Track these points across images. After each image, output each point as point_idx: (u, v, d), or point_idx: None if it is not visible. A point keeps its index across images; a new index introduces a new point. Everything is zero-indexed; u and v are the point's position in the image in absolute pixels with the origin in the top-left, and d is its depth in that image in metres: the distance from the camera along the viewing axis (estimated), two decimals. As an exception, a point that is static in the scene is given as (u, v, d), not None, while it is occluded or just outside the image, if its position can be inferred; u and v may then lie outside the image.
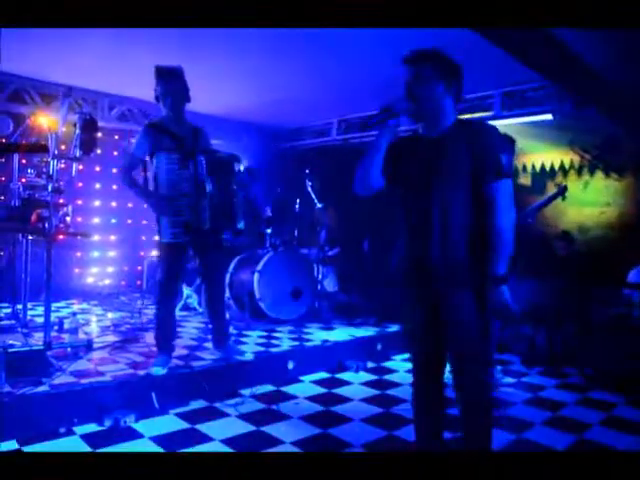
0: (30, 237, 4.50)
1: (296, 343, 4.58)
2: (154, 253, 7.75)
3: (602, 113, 5.17)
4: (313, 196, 6.19)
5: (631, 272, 5.12)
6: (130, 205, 7.52)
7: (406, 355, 5.10)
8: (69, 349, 3.85)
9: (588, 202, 6.83)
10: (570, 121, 5.48)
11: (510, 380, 4.32)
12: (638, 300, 4.84)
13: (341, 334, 5.07)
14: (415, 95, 2.19)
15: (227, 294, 5.13)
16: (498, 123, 5.72)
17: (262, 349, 4.32)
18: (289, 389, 3.90)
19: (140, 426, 3.05)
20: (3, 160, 5.35)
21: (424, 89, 2.19)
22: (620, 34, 3.59)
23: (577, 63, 4.01)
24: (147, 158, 3.56)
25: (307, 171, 6.23)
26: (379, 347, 4.98)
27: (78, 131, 4.11)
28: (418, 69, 2.21)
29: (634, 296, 4.87)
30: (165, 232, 3.50)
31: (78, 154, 4.19)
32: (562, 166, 7.15)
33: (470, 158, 2.12)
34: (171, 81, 3.52)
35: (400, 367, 4.68)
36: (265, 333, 4.95)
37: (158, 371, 3.45)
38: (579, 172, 7.13)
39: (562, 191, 4.45)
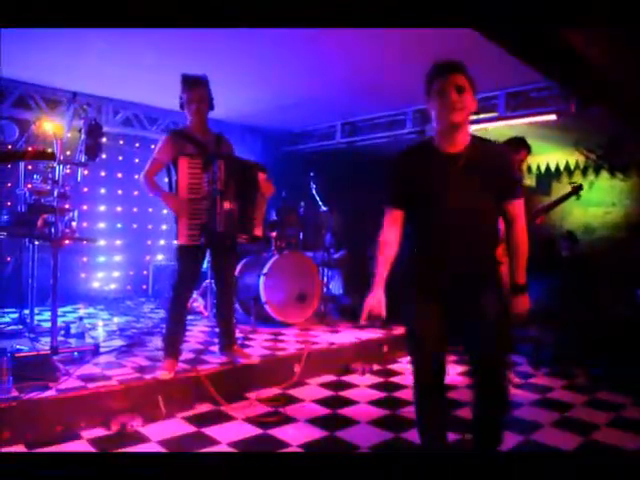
0: (36, 242, 4.52)
1: (302, 346, 4.58)
2: (159, 257, 7.78)
3: (606, 113, 5.16)
4: (318, 199, 6.20)
5: None
6: (135, 210, 7.55)
7: (412, 357, 5.09)
8: (76, 353, 3.86)
9: (593, 202, 6.82)
10: (574, 121, 5.47)
11: (517, 381, 4.30)
12: None
13: (347, 337, 5.07)
14: (456, 106, 2.15)
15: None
16: (502, 124, 5.72)
17: (268, 352, 4.32)
18: (295, 392, 3.90)
19: (147, 430, 3.06)
20: (9, 166, 5.38)
21: (465, 99, 2.17)
22: (623, 32, 3.59)
23: (580, 63, 4.00)
24: (170, 164, 3.60)
25: (311, 174, 6.24)
26: (385, 349, 4.97)
27: (83, 136, 4.14)
28: (460, 78, 2.19)
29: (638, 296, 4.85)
30: (182, 234, 3.53)
31: (83, 159, 4.21)
32: (567, 166, 7.14)
33: (488, 175, 2.20)
34: (196, 90, 3.57)
35: (406, 369, 4.67)
36: (271, 336, 4.96)
37: (164, 375, 3.45)
38: (584, 172, 7.11)
39: (577, 190, 4.42)
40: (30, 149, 3.33)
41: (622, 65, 4.25)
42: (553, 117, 5.36)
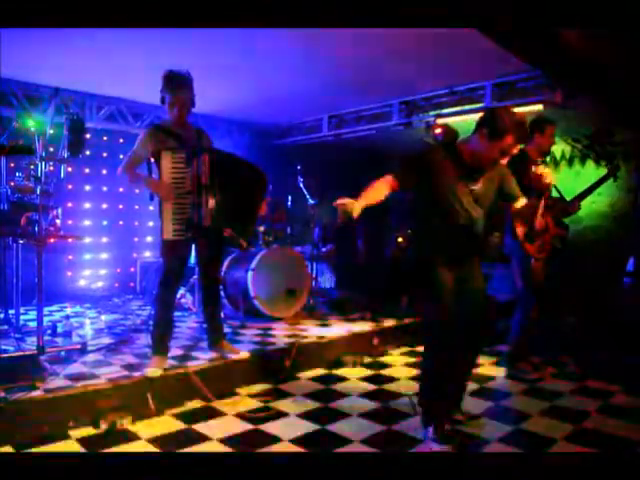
0: (20, 241, 4.45)
1: (292, 340, 4.57)
2: (147, 254, 7.72)
3: (593, 104, 5.18)
4: (305, 193, 6.17)
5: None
6: (121, 207, 7.48)
7: (403, 349, 5.10)
8: (63, 353, 3.82)
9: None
10: (560, 111, 5.48)
11: (506, 371, 4.31)
12: (627, 289, 4.85)
13: (337, 330, 5.06)
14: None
15: (221, 293, 5.09)
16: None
17: (258, 347, 4.30)
18: (286, 386, 3.89)
19: (136, 428, 3.03)
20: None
21: None
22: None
23: (568, 54, 4.01)
24: (152, 160, 3.56)
25: (299, 168, 6.21)
26: (375, 342, 4.97)
27: (65, 132, 4.07)
28: None
29: (625, 285, 4.89)
30: (167, 229, 3.49)
31: (66, 156, 4.15)
32: (553, 156, 7.17)
33: None
34: (179, 94, 3.54)
35: (397, 361, 4.68)
36: (260, 331, 4.94)
37: (153, 372, 3.42)
38: (570, 162, 7.14)
39: (613, 172, 4.30)
40: (7, 144, 3.27)
41: (609, 57, 4.26)
42: (539, 107, 5.37)
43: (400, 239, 6.52)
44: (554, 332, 4.92)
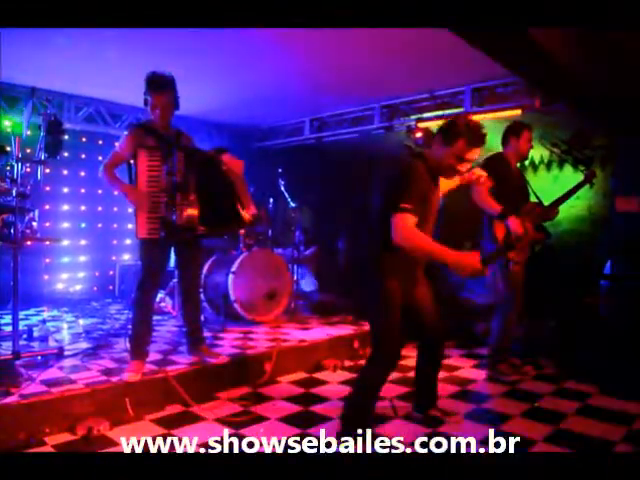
0: (-4, 244, 4.37)
1: (272, 344, 4.54)
2: (126, 257, 7.63)
3: (571, 109, 5.24)
4: (286, 196, 6.16)
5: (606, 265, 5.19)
6: (100, 209, 7.39)
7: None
8: (39, 357, 3.75)
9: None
10: (539, 116, 5.55)
11: (486, 373, 4.34)
12: (604, 292, 4.91)
13: (318, 333, 5.05)
14: None
15: (201, 296, 5.05)
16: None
17: (238, 351, 4.27)
18: (266, 390, 3.86)
19: (114, 434, 2.98)
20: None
21: None
22: (587, 31, 3.65)
23: (545, 59, 4.05)
24: (131, 160, 3.54)
25: (280, 170, 6.19)
26: (356, 345, 4.97)
27: (43, 133, 4.01)
28: None
29: (602, 287, 4.95)
30: (142, 228, 3.46)
31: (43, 157, 4.08)
32: (532, 161, 7.25)
33: None
34: (161, 96, 3.51)
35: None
36: (241, 335, 4.90)
37: (132, 377, 3.38)
38: (548, 167, 7.23)
39: (590, 178, 4.34)
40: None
41: (588, 62, 4.31)
42: (518, 112, 5.43)
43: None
44: (534, 334, 4.97)
